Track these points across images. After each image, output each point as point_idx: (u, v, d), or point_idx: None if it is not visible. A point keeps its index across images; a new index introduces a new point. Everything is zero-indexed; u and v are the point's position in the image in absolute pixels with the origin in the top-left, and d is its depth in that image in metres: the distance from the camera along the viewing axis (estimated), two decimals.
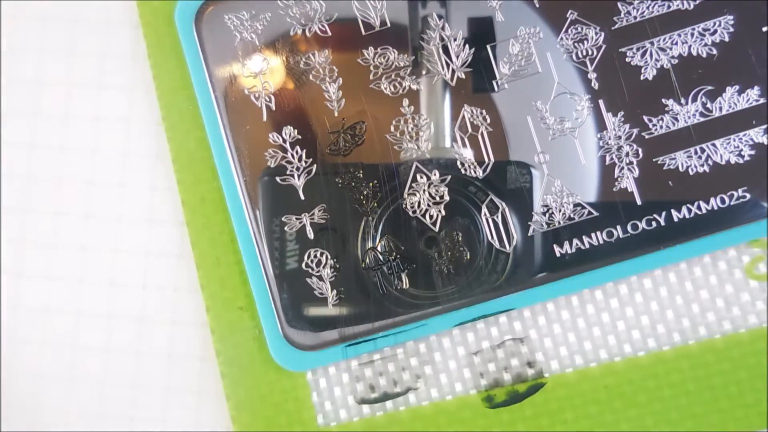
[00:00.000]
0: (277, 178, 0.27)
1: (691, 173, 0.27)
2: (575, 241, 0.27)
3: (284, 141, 0.27)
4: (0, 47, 0.30)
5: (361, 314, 0.27)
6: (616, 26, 0.27)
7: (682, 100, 0.27)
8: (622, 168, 0.27)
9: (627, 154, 0.27)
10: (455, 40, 0.27)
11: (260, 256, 0.27)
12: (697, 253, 0.27)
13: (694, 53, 0.27)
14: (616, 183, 0.27)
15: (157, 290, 0.29)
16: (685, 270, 0.28)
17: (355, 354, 0.27)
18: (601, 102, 0.27)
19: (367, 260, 0.27)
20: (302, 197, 0.27)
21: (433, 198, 0.27)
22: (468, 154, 0.27)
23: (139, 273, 0.29)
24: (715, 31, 0.27)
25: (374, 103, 0.27)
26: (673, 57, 0.27)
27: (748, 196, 0.27)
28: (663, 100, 0.27)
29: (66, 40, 0.30)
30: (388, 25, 0.27)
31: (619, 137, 0.27)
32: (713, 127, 0.27)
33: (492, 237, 0.27)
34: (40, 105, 0.30)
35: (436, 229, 0.27)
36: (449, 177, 0.27)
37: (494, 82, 0.27)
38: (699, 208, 0.27)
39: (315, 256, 0.27)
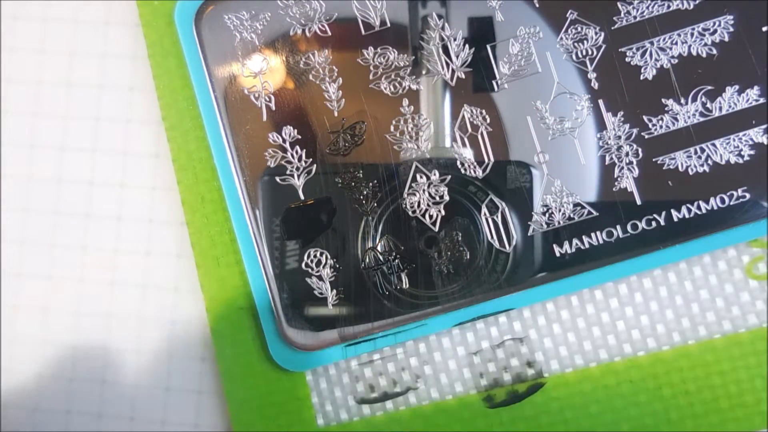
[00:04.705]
0: (277, 178, 0.27)
1: (690, 173, 0.27)
2: (575, 240, 0.27)
3: (284, 141, 0.27)
4: (0, 47, 0.30)
5: (360, 314, 0.27)
6: (616, 26, 0.27)
7: (682, 100, 0.27)
8: (622, 168, 0.27)
9: (627, 154, 0.27)
10: (455, 39, 0.27)
11: (260, 256, 0.27)
12: (696, 252, 0.27)
13: (694, 53, 0.27)
14: (616, 183, 0.27)
15: (157, 290, 0.29)
16: (684, 270, 0.28)
17: (354, 354, 0.27)
18: (600, 102, 0.27)
19: (367, 260, 0.27)
20: (302, 197, 0.27)
21: (433, 198, 0.27)
22: (468, 153, 0.27)
23: (139, 273, 0.29)
24: (715, 31, 0.27)
25: (374, 103, 0.27)
26: (672, 57, 0.27)
27: (747, 195, 0.27)
28: (663, 100, 0.27)
29: (66, 40, 0.30)
30: (388, 25, 0.27)
31: (619, 137, 0.27)
32: (713, 126, 0.27)
33: (492, 237, 0.27)
34: (40, 105, 0.30)
35: (436, 229, 0.27)
36: (449, 177, 0.27)
37: (494, 82, 0.27)
38: (699, 207, 0.27)
39: (315, 256, 0.27)
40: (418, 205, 0.27)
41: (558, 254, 0.27)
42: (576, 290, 0.27)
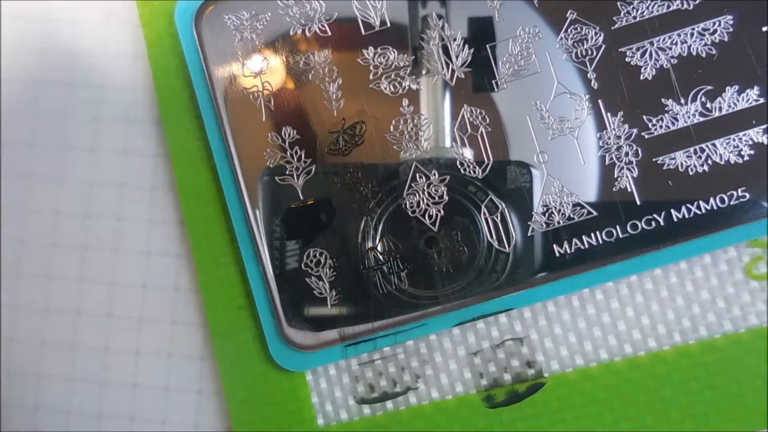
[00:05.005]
0: (277, 178, 0.27)
1: (690, 173, 0.27)
2: (575, 240, 0.27)
3: (284, 141, 0.27)
4: (0, 47, 0.30)
5: (360, 314, 0.27)
6: (616, 26, 0.27)
7: (682, 100, 0.27)
8: (622, 168, 0.27)
9: (626, 154, 0.27)
10: (455, 40, 0.27)
11: (260, 256, 0.27)
12: (696, 253, 0.27)
13: (694, 53, 0.27)
14: (616, 183, 0.27)
15: (157, 290, 0.29)
16: (685, 270, 0.28)
17: (354, 354, 0.27)
18: (600, 102, 0.27)
19: (367, 260, 0.27)
20: (302, 197, 0.27)
21: (433, 198, 0.27)
22: (467, 154, 0.27)
23: (139, 273, 0.29)
24: (715, 31, 0.27)
25: (374, 103, 0.27)
26: (672, 57, 0.27)
27: (747, 195, 0.27)
28: (663, 100, 0.27)
29: (66, 40, 0.30)
30: (388, 24, 0.27)
31: (619, 137, 0.27)
32: (713, 126, 0.27)
33: (491, 237, 0.27)
34: (40, 105, 0.30)
35: (436, 228, 0.27)
36: (449, 177, 0.27)
37: (494, 82, 0.27)
38: (699, 207, 0.27)
39: (315, 256, 0.27)
40: (418, 205, 0.27)
41: (558, 254, 0.27)
42: (576, 290, 0.27)
